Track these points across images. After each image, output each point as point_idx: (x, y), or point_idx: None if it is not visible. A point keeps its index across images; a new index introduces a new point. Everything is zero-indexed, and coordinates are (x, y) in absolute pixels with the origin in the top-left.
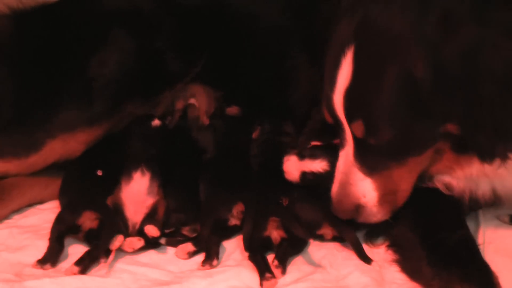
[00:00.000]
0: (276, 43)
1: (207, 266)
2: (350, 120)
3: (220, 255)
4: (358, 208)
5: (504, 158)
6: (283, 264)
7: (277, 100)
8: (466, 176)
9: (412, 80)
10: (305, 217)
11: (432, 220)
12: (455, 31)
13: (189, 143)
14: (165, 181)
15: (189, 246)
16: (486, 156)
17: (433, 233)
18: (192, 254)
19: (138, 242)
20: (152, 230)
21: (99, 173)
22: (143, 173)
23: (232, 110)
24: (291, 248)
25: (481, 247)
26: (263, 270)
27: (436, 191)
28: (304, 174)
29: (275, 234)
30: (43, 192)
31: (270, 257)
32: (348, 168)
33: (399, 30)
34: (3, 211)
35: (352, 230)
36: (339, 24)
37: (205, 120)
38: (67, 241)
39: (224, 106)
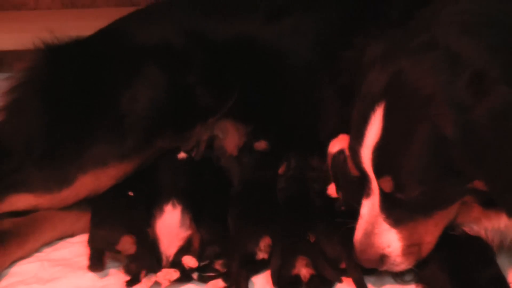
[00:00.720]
0: (305, 78)
1: None
2: (378, 175)
3: None
4: (382, 257)
5: None
6: None
7: (305, 134)
8: (494, 228)
9: (442, 139)
10: (328, 253)
11: (461, 259)
12: (486, 92)
13: (217, 175)
14: (195, 214)
15: (219, 282)
16: None
17: (462, 273)
18: None
19: (174, 273)
20: (190, 261)
21: (130, 193)
22: (174, 206)
23: (260, 145)
24: (321, 284)
25: None
26: None
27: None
28: None
29: (304, 271)
30: (74, 226)
31: None
32: (373, 218)
33: (431, 90)
34: (34, 244)
35: (359, 271)
36: (368, 74)
37: (234, 152)
38: None
39: (252, 141)
